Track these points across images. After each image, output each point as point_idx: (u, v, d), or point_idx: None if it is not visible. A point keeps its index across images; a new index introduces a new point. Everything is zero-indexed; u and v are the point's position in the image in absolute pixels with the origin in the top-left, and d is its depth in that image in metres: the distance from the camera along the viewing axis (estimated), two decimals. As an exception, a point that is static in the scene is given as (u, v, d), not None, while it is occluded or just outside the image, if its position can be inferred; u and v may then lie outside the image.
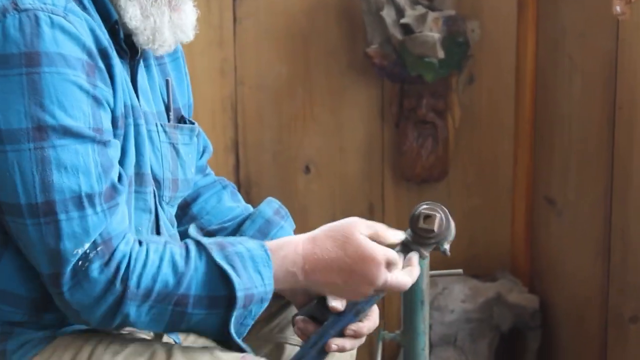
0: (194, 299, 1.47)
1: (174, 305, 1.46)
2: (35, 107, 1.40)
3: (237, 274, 1.47)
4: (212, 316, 1.49)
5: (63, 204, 1.41)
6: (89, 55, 1.46)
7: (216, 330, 1.52)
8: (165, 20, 1.59)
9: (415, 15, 2.71)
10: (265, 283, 1.50)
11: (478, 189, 3.00)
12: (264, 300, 1.51)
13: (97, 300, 1.43)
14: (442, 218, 1.62)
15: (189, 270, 1.47)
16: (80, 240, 1.42)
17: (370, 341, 3.00)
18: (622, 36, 2.43)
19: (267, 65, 2.83)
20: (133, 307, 1.44)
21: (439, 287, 2.92)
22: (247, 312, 1.50)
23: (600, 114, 2.55)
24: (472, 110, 2.93)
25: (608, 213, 2.55)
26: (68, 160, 1.42)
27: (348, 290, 1.56)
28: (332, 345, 1.62)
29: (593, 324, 2.67)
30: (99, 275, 1.42)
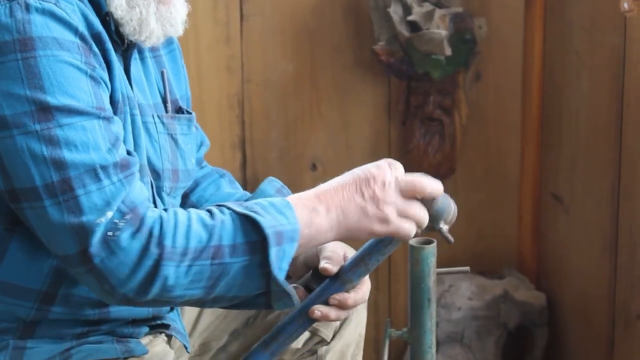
0: (228, 249, 1.45)
1: (212, 258, 1.45)
2: (35, 90, 1.41)
3: (262, 216, 1.46)
4: (252, 263, 1.47)
5: (79, 179, 1.41)
6: (82, 40, 1.47)
7: (258, 279, 1.48)
8: (152, 11, 1.59)
9: (422, 13, 2.70)
10: (291, 221, 1.48)
11: (485, 186, 3.00)
12: (294, 239, 1.48)
13: (134, 266, 1.41)
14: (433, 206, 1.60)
15: (217, 224, 1.45)
16: (102, 211, 1.41)
17: (377, 338, 3.01)
18: (629, 33, 2.42)
19: (274, 62, 2.83)
20: (171, 268, 1.42)
21: (445, 284, 2.92)
22: (281, 252, 1.47)
23: (607, 110, 2.55)
24: (479, 107, 2.93)
25: (615, 210, 2.55)
26: (77, 137, 1.42)
27: (373, 204, 1.53)
28: (315, 311, 1.62)
29: (600, 321, 2.67)
30: (133, 242, 1.41)
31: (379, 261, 1.66)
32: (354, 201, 1.53)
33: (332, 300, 1.63)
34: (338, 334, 1.84)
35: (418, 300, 1.75)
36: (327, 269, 1.63)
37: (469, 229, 3.01)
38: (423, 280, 1.73)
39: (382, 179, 1.54)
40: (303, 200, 1.52)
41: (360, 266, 1.64)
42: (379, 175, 1.55)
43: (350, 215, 1.53)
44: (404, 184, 1.55)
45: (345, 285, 1.65)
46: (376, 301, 3.00)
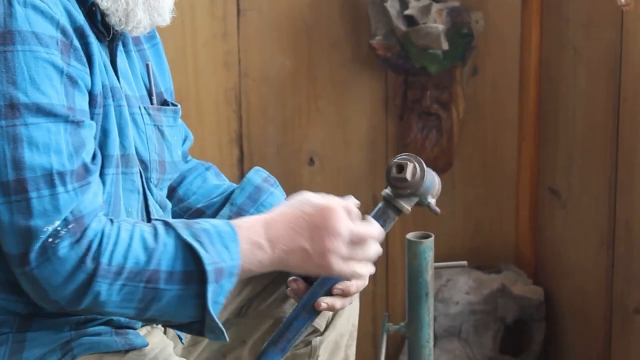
0: (165, 275, 1.45)
1: (146, 282, 1.44)
2: (7, 85, 1.41)
3: (205, 249, 1.46)
4: (187, 293, 1.47)
5: (34, 182, 1.41)
6: (62, 34, 1.46)
7: (192, 309, 1.49)
8: (140, 1, 1.59)
9: (419, 7, 2.70)
10: (233, 257, 1.48)
11: (482, 181, 3.00)
12: (232, 275, 1.48)
13: (67, 277, 1.42)
14: (416, 167, 1.63)
15: (159, 247, 1.45)
16: (50, 218, 1.41)
17: (374, 333, 3.01)
18: (626, 27, 2.42)
19: (271, 57, 2.83)
20: (104, 285, 1.43)
21: (443, 279, 2.92)
22: (219, 288, 1.47)
23: (604, 105, 2.55)
24: (476, 102, 2.93)
25: (612, 204, 2.55)
26: (40, 139, 1.42)
27: (318, 253, 1.53)
28: (321, 303, 1.64)
29: (597, 316, 2.67)
30: (70, 252, 1.41)
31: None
32: (300, 246, 1.53)
33: (335, 290, 1.65)
34: (331, 324, 1.85)
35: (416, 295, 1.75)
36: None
37: (467, 224, 3.01)
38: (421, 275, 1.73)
39: (334, 230, 1.53)
40: (250, 233, 1.51)
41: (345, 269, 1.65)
42: (333, 226, 1.53)
43: (292, 257, 1.53)
44: (354, 237, 1.55)
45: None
46: (374, 295, 3.00)
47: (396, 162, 1.64)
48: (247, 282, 1.86)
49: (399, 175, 1.63)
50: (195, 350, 1.88)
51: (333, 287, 1.65)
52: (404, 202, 1.66)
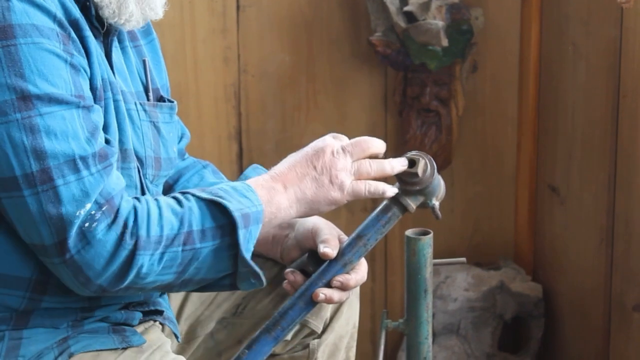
0: (198, 234, 1.49)
1: (183, 244, 1.49)
2: (16, 78, 1.42)
3: (228, 200, 1.51)
4: (221, 246, 1.52)
5: (59, 169, 1.42)
6: (60, 26, 1.47)
7: (226, 261, 1.53)
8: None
9: (419, 3, 2.70)
10: (255, 203, 1.54)
11: (481, 178, 3.00)
12: (259, 220, 1.54)
13: (110, 258, 1.44)
14: (427, 164, 1.66)
15: (186, 211, 1.50)
16: (81, 202, 1.43)
17: (373, 330, 3.01)
18: (626, 24, 2.42)
19: (271, 53, 2.83)
20: (146, 257, 1.46)
21: (442, 275, 2.92)
22: (248, 234, 1.52)
23: (604, 102, 2.55)
24: (476, 99, 2.93)
25: (611, 201, 2.55)
26: (57, 127, 1.43)
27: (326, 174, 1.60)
28: (319, 294, 1.65)
29: (596, 313, 2.67)
30: (109, 233, 1.44)
31: (378, 240, 1.68)
32: (308, 175, 1.60)
33: (334, 282, 1.66)
34: (329, 326, 1.85)
35: (414, 292, 1.75)
36: (327, 254, 1.66)
37: (466, 220, 3.01)
38: (419, 271, 1.73)
39: (330, 149, 1.61)
40: (261, 182, 1.59)
41: (360, 246, 1.67)
42: (327, 146, 1.62)
43: (307, 189, 1.60)
44: (350, 147, 1.63)
45: (346, 266, 1.67)
46: (372, 292, 3.00)
47: (408, 157, 1.66)
48: None
49: (409, 170, 1.64)
50: (190, 348, 1.88)
51: (332, 280, 1.66)
52: (410, 199, 1.67)
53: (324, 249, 1.66)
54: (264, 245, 1.82)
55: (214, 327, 1.88)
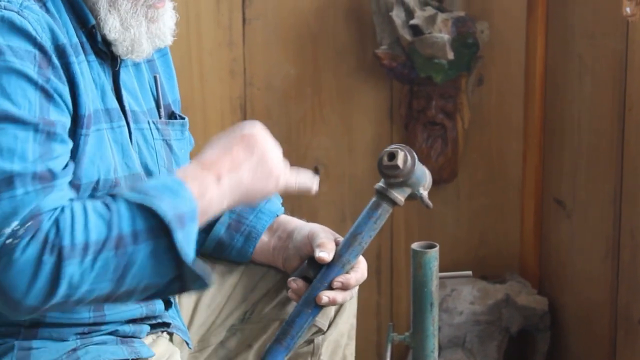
0: (130, 237, 1.41)
1: (115, 248, 1.40)
2: None
3: (156, 201, 1.42)
4: (157, 248, 1.42)
5: (3, 184, 1.39)
6: (40, 51, 1.46)
7: (167, 265, 1.44)
8: (143, 31, 1.61)
9: (425, 17, 2.70)
10: (188, 201, 1.44)
11: (487, 190, 3.00)
12: (194, 218, 1.44)
13: (32, 274, 1.37)
14: (407, 155, 1.67)
15: (114, 214, 1.41)
16: (7, 220, 1.38)
17: (379, 342, 3.01)
18: (632, 37, 2.42)
19: (276, 65, 2.83)
20: (74, 265, 1.38)
21: (447, 289, 2.92)
22: (186, 234, 1.43)
23: (609, 114, 2.55)
24: (482, 112, 2.93)
25: (617, 214, 2.55)
26: (5, 144, 1.40)
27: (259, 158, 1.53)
28: (322, 297, 1.66)
29: (602, 326, 2.67)
30: (27, 249, 1.37)
31: (372, 237, 1.70)
32: (245, 163, 1.52)
33: (335, 283, 1.67)
34: (333, 323, 1.86)
35: (420, 305, 1.75)
36: (323, 258, 1.67)
37: (471, 233, 3.01)
38: (425, 285, 1.74)
39: (263, 136, 1.55)
40: (191, 174, 1.49)
41: (355, 245, 1.68)
42: (259, 133, 1.55)
43: (243, 179, 1.52)
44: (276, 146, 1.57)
45: (345, 267, 1.69)
46: (378, 305, 3.00)
47: (387, 151, 1.68)
48: (253, 288, 1.87)
49: (390, 163, 1.66)
50: (202, 355, 1.88)
51: (333, 281, 1.68)
52: (397, 192, 1.68)
53: (319, 253, 1.67)
54: (266, 256, 1.84)
55: (225, 335, 1.89)
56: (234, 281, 1.87)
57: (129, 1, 1.58)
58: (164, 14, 1.64)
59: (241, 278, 1.88)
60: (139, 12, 1.59)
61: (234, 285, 1.87)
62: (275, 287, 1.88)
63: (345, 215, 2.89)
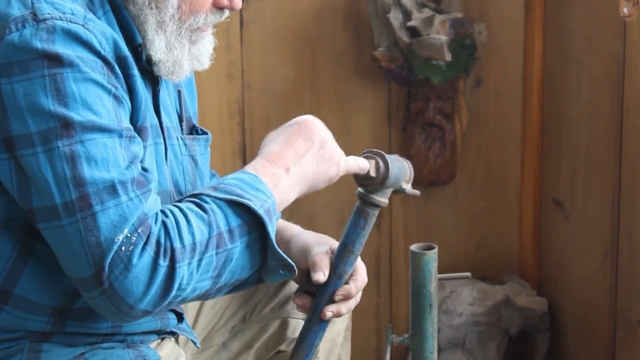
0: (227, 234, 1.48)
1: (216, 247, 1.47)
2: (59, 106, 1.42)
3: (247, 198, 1.50)
4: (250, 242, 1.50)
5: (97, 195, 1.41)
6: (105, 61, 1.48)
7: (256, 257, 1.52)
8: (185, 52, 1.63)
9: (422, 18, 2.71)
10: (269, 195, 1.53)
11: (485, 192, 3.00)
12: (275, 211, 1.53)
13: (149, 279, 1.42)
14: (378, 162, 1.67)
15: (210, 213, 1.48)
16: (119, 228, 1.41)
17: (378, 344, 3.01)
18: (629, 38, 2.43)
19: (274, 69, 2.83)
20: (185, 267, 1.44)
21: (447, 290, 2.92)
22: (272, 226, 1.52)
23: (607, 116, 2.55)
24: (480, 113, 2.93)
25: (616, 215, 2.55)
26: (97, 154, 1.43)
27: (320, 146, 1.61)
28: (327, 313, 1.68)
29: (601, 327, 2.67)
30: (143, 255, 1.41)
31: (363, 243, 1.70)
32: (308, 152, 1.59)
33: (337, 296, 1.68)
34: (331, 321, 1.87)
35: (419, 306, 1.75)
36: (318, 280, 1.68)
37: (470, 235, 3.01)
38: (424, 286, 1.74)
39: (319, 123, 1.64)
40: (261, 169, 1.56)
41: (349, 255, 1.68)
42: (314, 120, 1.64)
43: (308, 168, 1.59)
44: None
45: (343, 278, 1.69)
46: (377, 307, 3.00)
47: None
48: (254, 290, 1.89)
49: (363, 175, 1.66)
50: (204, 355, 1.89)
51: (334, 294, 1.68)
52: (379, 196, 1.68)
53: (314, 275, 1.68)
54: None
55: (227, 336, 1.90)
56: None
57: (175, 24, 1.60)
58: (205, 37, 1.66)
59: None
60: (184, 35, 1.61)
61: None
62: (275, 288, 1.91)
63: (344, 218, 2.89)
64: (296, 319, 1.90)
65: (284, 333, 1.90)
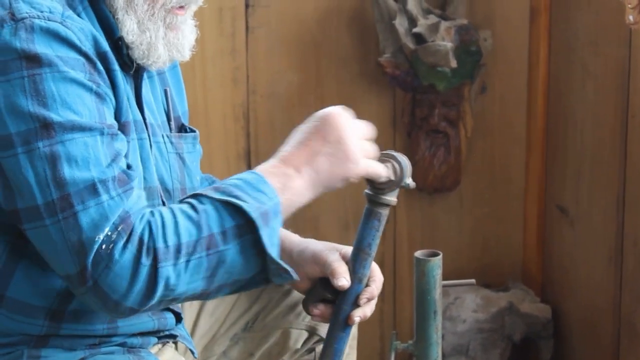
0: (220, 236, 1.46)
1: (207, 249, 1.45)
2: (39, 107, 1.42)
3: (243, 200, 1.47)
4: (245, 245, 1.47)
5: (78, 195, 1.42)
6: (86, 58, 1.48)
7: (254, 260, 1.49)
8: (160, 36, 1.61)
9: (428, 25, 2.71)
10: (271, 197, 1.50)
11: (490, 198, 3.00)
12: (277, 213, 1.50)
13: (131, 277, 1.42)
14: (394, 165, 1.67)
15: (202, 215, 1.46)
16: (100, 227, 1.41)
17: (382, 351, 3.00)
18: (634, 44, 2.43)
19: (279, 74, 2.83)
20: (169, 268, 1.43)
21: (451, 297, 2.92)
22: (270, 230, 1.48)
23: (612, 121, 2.55)
24: (484, 119, 2.93)
25: (620, 221, 2.54)
26: (78, 153, 1.43)
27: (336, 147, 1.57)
28: (354, 318, 1.66)
29: (605, 333, 2.66)
30: (124, 253, 1.41)
31: (377, 243, 1.69)
32: (319, 151, 1.56)
33: (362, 300, 1.67)
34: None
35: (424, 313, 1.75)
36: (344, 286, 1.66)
37: (474, 241, 3.01)
38: (429, 293, 1.73)
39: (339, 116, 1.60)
40: (270, 170, 1.54)
41: (366, 258, 1.67)
42: (335, 114, 1.60)
43: (320, 169, 1.56)
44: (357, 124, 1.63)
45: (362, 281, 1.68)
46: (381, 313, 3.00)
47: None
48: (256, 298, 1.88)
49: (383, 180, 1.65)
50: None
51: (358, 298, 1.67)
52: (389, 195, 1.67)
53: (338, 282, 1.66)
54: None
55: (228, 344, 1.89)
56: None
57: (146, 3, 1.58)
58: (183, 22, 1.64)
59: None
60: (157, 16, 1.60)
61: (238, 295, 1.87)
62: (278, 297, 1.89)
63: (348, 222, 2.89)
64: (299, 330, 1.89)
65: (286, 343, 1.89)
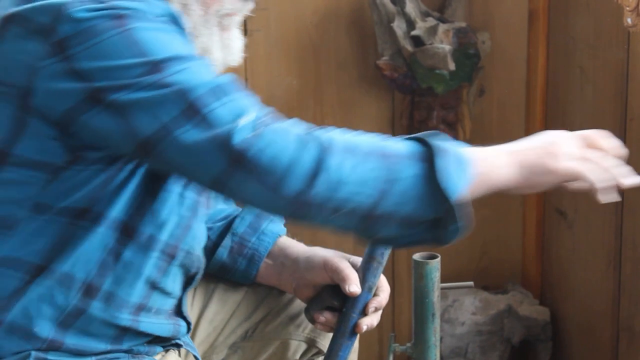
0: (395, 151, 1.43)
1: (382, 158, 1.41)
2: (140, 56, 1.39)
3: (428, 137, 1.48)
4: (421, 173, 1.42)
5: (212, 93, 1.38)
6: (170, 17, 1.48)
7: (431, 197, 1.45)
8: (215, 39, 1.61)
9: (426, 27, 2.71)
10: (459, 148, 1.52)
11: (489, 201, 2.98)
12: (464, 164, 1.52)
13: (296, 150, 1.37)
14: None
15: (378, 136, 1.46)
16: (238, 114, 1.38)
17: (381, 353, 3.00)
18: (633, 47, 2.43)
19: (278, 77, 2.83)
20: (337, 159, 1.38)
21: (449, 299, 2.92)
22: (452, 167, 1.48)
23: (611, 125, 2.55)
24: (483, 122, 2.93)
25: (619, 224, 2.55)
26: (190, 76, 1.40)
27: (550, 145, 1.53)
28: (362, 327, 1.67)
29: (604, 336, 2.66)
30: (292, 127, 1.40)
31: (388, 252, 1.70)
32: (532, 148, 1.52)
33: (370, 309, 1.69)
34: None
35: (422, 315, 1.75)
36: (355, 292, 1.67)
37: (473, 244, 3.01)
38: (427, 295, 1.74)
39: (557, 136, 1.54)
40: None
41: (377, 267, 1.69)
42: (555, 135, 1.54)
43: (528, 156, 1.52)
44: (584, 138, 1.58)
45: (371, 290, 1.70)
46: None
47: None
48: (256, 306, 1.88)
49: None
50: None
51: (367, 307, 1.68)
52: None
53: (350, 288, 1.66)
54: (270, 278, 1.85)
55: (226, 352, 1.89)
56: (238, 298, 1.88)
57: (200, 7, 1.58)
58: (234, 25, 1.64)
59: (245, 296, 1.88)
60: (211, 21, 1.60)
61: (238, 303, 1.87)
62: (279, 307, 1.89)
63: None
64: (298, 341, 1.88)
65: (285, 354, 1.88)
